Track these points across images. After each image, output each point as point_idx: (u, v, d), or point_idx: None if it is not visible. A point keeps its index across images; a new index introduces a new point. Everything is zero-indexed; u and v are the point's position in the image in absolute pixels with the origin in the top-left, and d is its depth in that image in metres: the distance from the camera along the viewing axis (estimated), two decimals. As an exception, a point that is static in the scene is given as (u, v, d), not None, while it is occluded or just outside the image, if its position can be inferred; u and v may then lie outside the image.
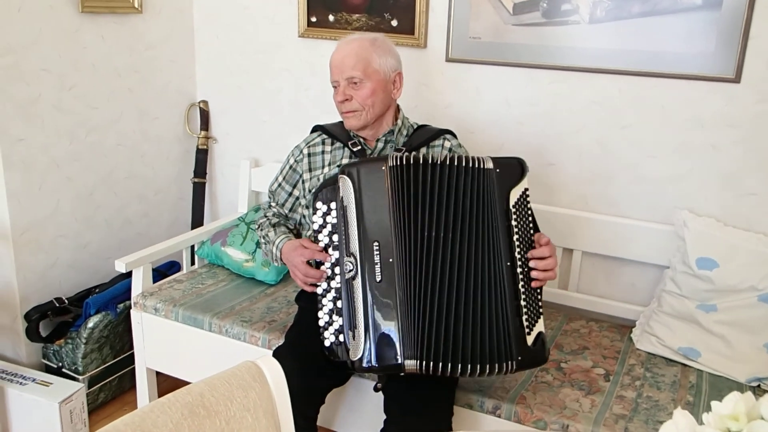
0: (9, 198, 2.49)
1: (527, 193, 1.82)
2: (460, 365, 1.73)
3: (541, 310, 1.82)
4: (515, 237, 1.78)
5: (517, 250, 1.78)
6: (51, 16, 2.52)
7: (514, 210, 1.78)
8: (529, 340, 1.77)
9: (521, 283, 1.78)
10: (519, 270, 1.78)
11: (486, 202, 1.78)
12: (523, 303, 1.77)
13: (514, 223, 1.78)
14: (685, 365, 2.19)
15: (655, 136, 2.35)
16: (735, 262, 2.14)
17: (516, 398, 1.97)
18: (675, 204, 2.36)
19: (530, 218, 1.83)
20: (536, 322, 1.80)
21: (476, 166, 1.79)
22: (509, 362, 1.74)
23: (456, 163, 1.79)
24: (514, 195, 1.79)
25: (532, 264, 1.79)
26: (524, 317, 1.77)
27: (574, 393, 2.01)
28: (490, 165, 1.79)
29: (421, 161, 1.80)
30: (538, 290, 1.83)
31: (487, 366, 1.74)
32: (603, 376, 2.11)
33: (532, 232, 1.83)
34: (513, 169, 1.82)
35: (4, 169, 2.45)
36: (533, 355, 1.78)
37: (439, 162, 1.79)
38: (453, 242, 1.77)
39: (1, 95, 2.40)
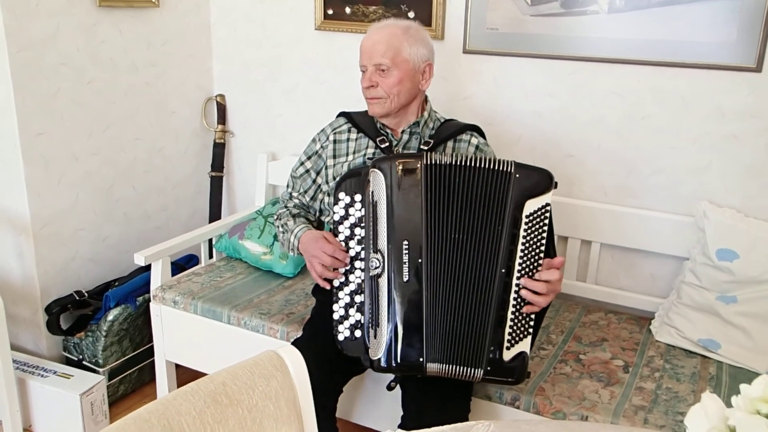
0: (29, 192, 2.51)
1: (548, 208, 1.75)
2: (454, 366, 1.75)
3: (530, 331, 1.77)
4: (519, 247, 1.73)
5: (518, 261, 1.74)
6: (69, 11, 2.54)
7: (526, 220, 1.73)
8: (507, 355, 1.75)
9: (513, 295, 1.74)
10: (515, 281, 1.74)
11: (496, 204, 1.74)
12: (510, 315, 1.74)
13: (522, 233, 1.73)
14: (704, 357, 2.17)
15: (676, 126, 2.33)
16: (755, 253, 2.12)
17: (535, 390, 1.96)
18: (695, 195, 2.34)
19: (543, 234, 1.76)
20: (520, 340, 1.76)
21: (496, 167, 1.74)
22: (477, 370, 1.74)
23: (479, 164, 1.75)
24: (531, 206, 1.74)
25: (522, 282, 1.74)
26: (507, 330, 1.74)
27: (593, 384, 2.00)
28: (510, 169, 1.74)
29: (453, 161, 1.76)
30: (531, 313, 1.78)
31: (463, 368, 1.74)
32: (622, 367, 2.10)
33: (542, 248, 1.76)
34: (536, 179, 1.75)
35: (24, 163, 2.48)
36: (506, 370, 1.75)
37: (464, 162, 1.76)
38: (468, 244, 1.75)
39: (21, 90, 2.42)
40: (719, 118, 2.26)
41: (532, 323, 1.78)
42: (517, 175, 1.74)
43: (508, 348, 1.75)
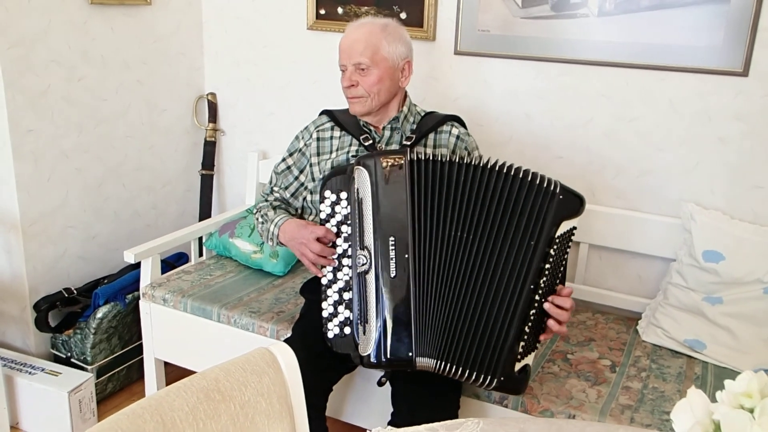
0: (19, 189, 2.50)
1: (574, 231, 1.79)
2: (454, 367, 1.76)
3: (537, 346, 1.82)
4: (547, 266, 1.75)
5: (543, 279, 1.75)
6: (61, 7, 2.53)
7: (557, 240, 1.75)
8: (516, 366, 1.77)
9: (533, 311, 1.76)
10: (537, 298, 1.76)
11: (536, 221, 1.73)
12: (527, 330, 1.76)
13: (552, 252, 1.75)
14: (690, 357, 2.20)
15: (663, 129, 2.36)
16: (741, 254, 2.15)
17: (523, 389, 1.98)
18: (682, 197, 2.37)
19: (566, 255, 1.80)
20: (529, 353, 1.80)
21: (543, 184, 1.74)
22: (490, 378, 1.75)
23: (521, 175, 1.75)
24: (563, 227, 1.76)
25: (552, 311, 1.77)
26: (522, 343, 1.76)
27: (581, 384, 2.02)
28: (557, 189, 1.74)
29: (456, 161, 1.77)
30: (542, 330, 1.82)
31: (474, 374, 1.76)
32: (609, 367, 2.13)
33: (562, 269, 1.80)
34: (573, 202, 1.77)
35: (14, 160, 2.47)
36: (514, 381, 1.78)
37: (475, 164, 1.76)
38: (479, 246, 1.75)
39: (11, 87, 2.42)
40: (706, 121, 2.29)
41: (540, 342, 1.82)
42: (561, 197, 1.74)
43: (518, 360, 1.77)
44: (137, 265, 2.57)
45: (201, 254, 2.87)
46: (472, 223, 1.75)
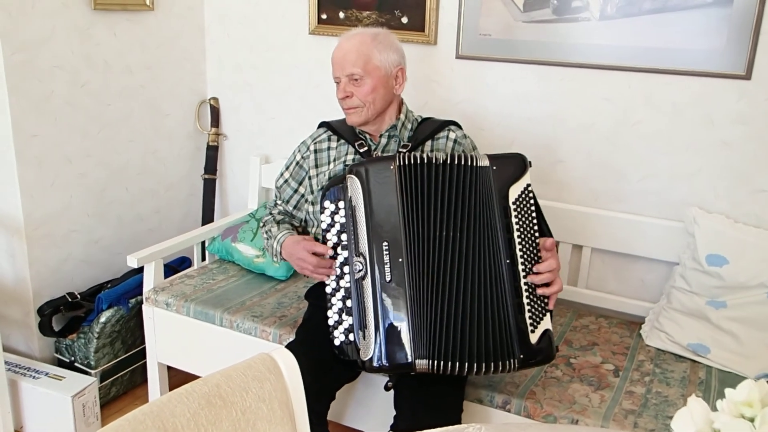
0: (23, 193, 2.51)
1: (529, 189, 1.81)
2: (467, 364, 1.75)
3: (547, 309, 1.81)
4: (515, 234, 1.77)
5: (518, 247, 1.77)
6: (64, 13, 2.54)
7: (514, 207, 1.78)
8: (533, 338, 1.77)
9: (523, 280, 1.78)
10: (521, 267, 1.77)
11: (484, 200, 1.78)
12: (525, 301, 1.77)
13: (514, 220, 1.78)
14: (694, 361, 2.19)
15: (666, 132, 2.36)
16: (745, 258, 2.14)
17: (526, 393, 1.97)
18: (685, 201, 2.36)
19: (533, 214, 1.82)
20: (541, 319, 1.80)
21: (472, 164, 1.80)
22: (511, 360, 1.76)
23: (456, 162, 1.80)
24: (514, 192, 1.79)
25: (530, 279, 1.78)
26: (527, 315, 1.77)
27: (584, 388, 2.02)
28: (485, 162, 1.80)
29: (427, 160, 1.80)
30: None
31: (492, 364, 1.75)
32: (612, 371, 2.12)
33: (536, 228, 1.82)
34: (511, 165, 1.82)
35: (18, 164, 2.48)
36: (537, 352, 1.78)
37: (442, 161, 1.80)
38: (459, 241, 1.78)
39: (15, 92, 2.42)
40: (709, 125, 2.29)
41: (547, 300, 1.82)
42: (494, 168, 1.80)
43: (532, 331, 1.78)
44: (140, 270, 2.58)
45: (204, 258, 2.87)
46: (449, 219, 1.79)
